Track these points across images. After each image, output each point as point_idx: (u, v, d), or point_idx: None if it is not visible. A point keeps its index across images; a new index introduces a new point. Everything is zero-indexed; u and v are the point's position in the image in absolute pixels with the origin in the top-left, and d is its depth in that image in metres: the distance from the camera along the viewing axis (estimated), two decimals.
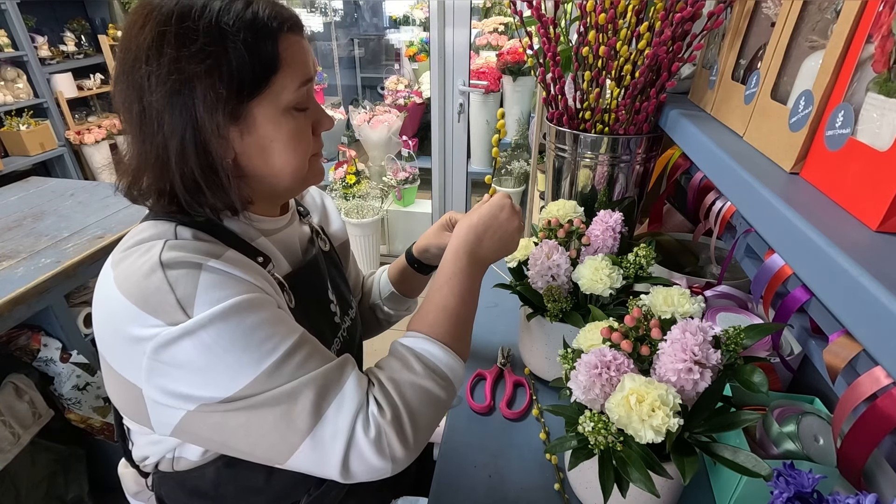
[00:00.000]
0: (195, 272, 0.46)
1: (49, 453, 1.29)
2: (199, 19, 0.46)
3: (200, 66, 0.46)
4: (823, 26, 0.48)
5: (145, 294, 0.45)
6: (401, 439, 0.49)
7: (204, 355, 0.44)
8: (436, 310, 0.57)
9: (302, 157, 0.56)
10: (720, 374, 0.54)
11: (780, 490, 0.44)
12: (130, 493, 0.70)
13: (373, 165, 2.95)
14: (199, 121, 0.47)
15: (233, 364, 0.45)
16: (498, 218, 0.62)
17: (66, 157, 3.24)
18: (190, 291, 0.45)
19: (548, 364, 0.82)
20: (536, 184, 1.60)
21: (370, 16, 4.17)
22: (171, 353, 0.44)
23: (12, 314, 1.06)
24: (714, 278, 0.83)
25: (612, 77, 0.79)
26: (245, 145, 0.52)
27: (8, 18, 2.83)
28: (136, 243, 0.50)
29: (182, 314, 0.44)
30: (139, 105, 0.48)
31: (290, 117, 0.53)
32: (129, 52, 0.48)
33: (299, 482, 0.66)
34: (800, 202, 0.43)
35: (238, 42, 0.47)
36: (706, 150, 0.61)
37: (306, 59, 0.54)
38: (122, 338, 0.46)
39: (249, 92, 0.49)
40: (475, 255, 0.60)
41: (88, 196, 1.53)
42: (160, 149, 0.49)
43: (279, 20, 0.50)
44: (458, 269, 0.59)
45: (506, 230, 0.63)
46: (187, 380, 0.45)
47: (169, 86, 0.46)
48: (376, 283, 0.89)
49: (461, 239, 0.61)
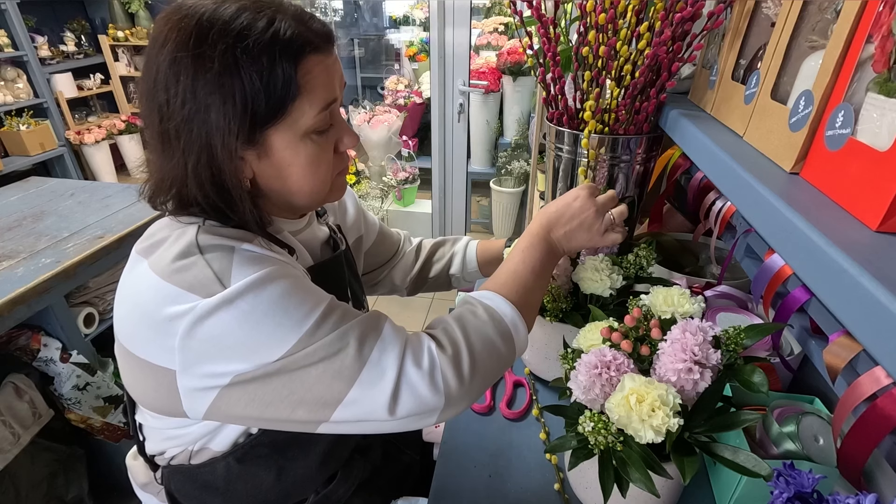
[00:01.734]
0: (229, 253, 0.47)
1: (49, 453, 1.29)
2: (217, 43, 0.45)
3: (214, 95, 0.46)
4: (823, 26, 0.48)
5: (183, 273, 0.46)
6: (457, 374, 0.48)
7: (243, 325, 0.45)
8: (507, 273, 0.59)
9: (321, 179, 0.55)
10: (720, 374, 0.54)
11: (780, 490, 0.44)
12: (139, 484, 0.70)
13: (373, 165, 2.96)
14: (213, 147, 0.48)
15: (274, 330, 0.45)
16: (571, 206, 0.64)
17: (66, 157, 3.24)
18: (226, 266, 0.46)
19: (548, 364, 0.82)
20: (536, 184, 1.60)
21: (370, 16, 4.17)
22: (210, 326, 0.44)
23: (12, 314, 1.06)
24: (714, 278, 0.83)
25: (612, 77, 0.79)
26: (262, 167, 0.52)
27: (8, 18, 2.83)
28: (164, 237, 0.51)
29: (219, 285, 0.45)
30: (160, 126, 0.49)
31: (309, 142, 0.52)
32: (150, 71, 0.48)
33: (308, 480, 0.66)
34: (800, 202, 0.43)
35: (253, 72, 0.46)
36: (706, 150, 0.61)
37: (331, 80, 0.52)
38: (154, 321, 0.46)
39: (264, 119, 0.49)
40: (548, 238, 0.63)
41: (88, 196, 1.53)
42: (179, 169, 0.49)
43: (301, 42, 0.48)
44: (532, 244, 0.62)
45: (581, 218, 0.63)
46: (225, 354, 0.45)
47: (185, 111, 0.47)
48: (458, 255, 0.92)
49: (536, 223, 0.64)
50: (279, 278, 0.47)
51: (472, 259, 0.91)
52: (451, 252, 0.94)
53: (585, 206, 0.63)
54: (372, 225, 0.89)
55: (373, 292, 0.94)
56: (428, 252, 0.95)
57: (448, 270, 0.93)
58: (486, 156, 2.89)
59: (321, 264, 0.65)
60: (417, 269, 0.93)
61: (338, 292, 0.66)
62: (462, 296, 0.57)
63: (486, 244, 0.92)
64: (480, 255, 0.91)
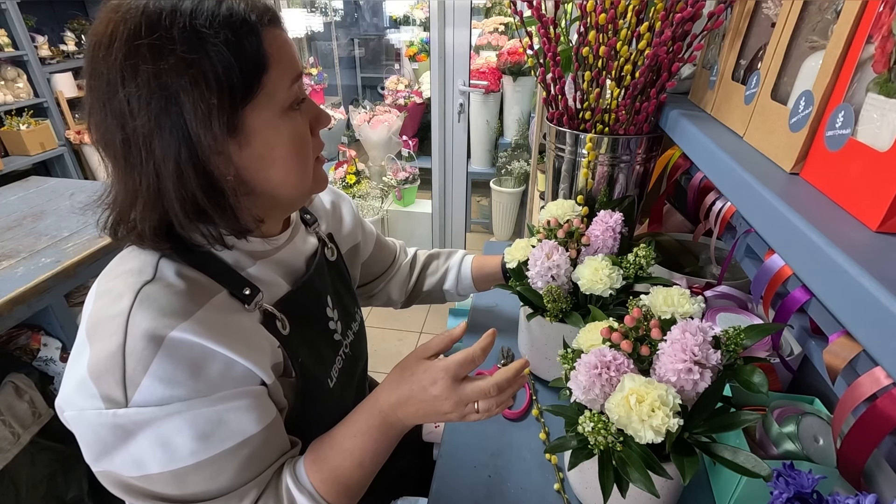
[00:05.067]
0: (152, 350, 0.44)
1: (49, 453, 1.29)
2: (172, 26, 0.42)
3: (184, 77, 0.42)
4: (824, 27, 0.48)
5: (99, 357, 0.44)
6: None
7: (117, 436, 0.45)
8: (331, 469, 0.55)
9: (305, 160, 0.53)
10: (720, 375, 0.54)
11: (779, 490, 0.44)
12: None
13: (373, 165, 2.95)
14: (195, 138, 0.44)
15: (136, 455, 0.46)
16: (427, 391, 0.55)
17: (66, 157, 3.24)
18: (139, 372, 0.44)
19: (548, 364, 0.82)
20: (536, 184, 1.60)
21: (370, 16, 4.18)
22: (88, 427, 0.45)
23: (12, 314, 1.06)
24: (714, 278, 0.83)
25: (612, 77, 0.79)
26: (245, 158, 0.49)
27: (8, 18, 2.83)
28: (115, 276, 0.49)
29: (121, 392, 0.44)
30: (122, 133, 0.44)
31: (289, 118, 0.50)
32: (100, 77, 0.43)
33: None
34: (800, 202, 0.43)
35: (219, 44, 0.43)
36: (706, 150, 0.61)
37: (292, 52, 0.50)
38: (71, 375, 0.47)
39: (243, 97, 0.46)
40: (391, 418, 0.56)
41: (88, 196, 1.53)
42: (152, 177, 0.45)
43: (257, 13, 0.46)
44: (371, 426, 0.56)
45: (435, 406, 0.55)
46: (93, 450, 0.46)
47: (153, 105, 0.42)
48: (453, 270, 0.90)
49: (384, 400, 0.57)
50: (176, 417, 0.45)
51: (467, 275, 0.90)
52: (446, 267, 0.92)
53: (442, 395, 0.54)
54: (370, 234, 0.87)
55: (367, 304, 0.93)
56: (422, 265, 0.93)
57: (442, 286, 0.92)
58: (486, 156, 2.89)
59: (296, 291, 0.61)
60: (413, 282, 0.92)
61: (316, 316, 0.65)
62: (284, 483, 0.54)
63: (482, 260, 0.91)
64: (475, 271, 0.90)
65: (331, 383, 0.65)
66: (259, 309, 0.55)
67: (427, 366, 0.56)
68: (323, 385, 0.63)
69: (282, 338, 0.56)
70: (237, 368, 0.49)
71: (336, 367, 0.67)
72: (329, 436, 0.58)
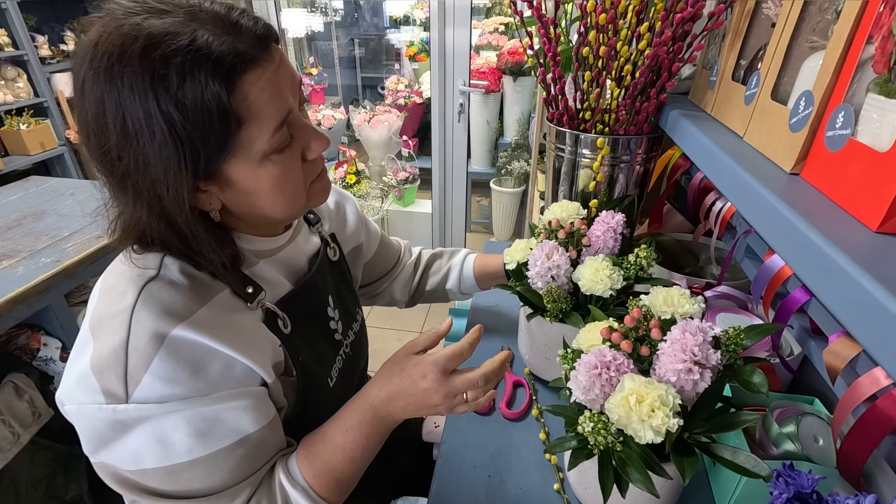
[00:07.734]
0: (154, 348, 0.44)
1: (49, 452, 1.29)
2: (134, 87, 0.40)
3: (151, 147, 0.42)
4: (824, 27, 0.48)
5: (102, 352, 0.45)
6: None
7: (115, 431, 0.45)
8: (323, 463, 0.55)
9: (291, 197, 0.52)
10: (720, 375, 0.54)
11: (779, 490, 0.44)
12: None
13: (373, 165, 2.95)
14: (170, 191, 0.44)
15: (133, 450, 0.46)
16: (417, 385, 0.55)
17: (67, 157, 3.23)
18: (140, 369, 0.44)
19: (548, 364, 0.82)
20: (536, 184, 1.60)
21: (370, 16, 4.18)
22: (88, 421, 0.46)
23: (12, 314, 1.06)
24: (714, 279, 0.83)
25: (612, 77, 0.79)
26: (228, 196, 0.50)
27: (8, 18, 2.83)
28: (119, 273, 0.49)
29: (122, 388, 0.44)
30: (111, 177, 0.46)
31: (269, 164, 0.48)
32: (83, 122, 0.44)
33: None
34: (800, 203, 0.43)
35: (179, 110, 0.40)
36: (706, 150, 0.61)
37: (278, 93, 0.45)
38: (72, 369, 0.47)
39: (210, 159, 0.44)
40: (382, 413, 0.57)
41: (88, 195, 1.53)
42: (140, 217, 0.47)
43: (233, 56, 0.41)
44: (361, 422, 0.56)
45: (424, 399, 0.55)
46: (92, 442, 0.47)
47: (127, 165, 0.43)
48: (455, 270, 0.91)
49: (374, 395, 0.57)
50: (175, 415, 0.46)
51: (469, 275, 0.90)
52: (448, 266, 0.92)
53: (433, 388, 0.55)
54: (374, 234, 0.87)
55: (371, 303, 0.93)
56: (425, 264, 0.94)
57: (444, 285, 0.92)
58: (486, 156, 2.89)
59: (298, 290, 0.61)
60: (416, 282, 0.92)
61: (318, 315, 0.65)
62: (277, 480, 0.54)
63: (485, 259, 0.91)
64: (478, 270, 0.90)
65: (331, 383, 0.65)
66: (261, 307, 0.55)
67: (416, 360, 0.57)
68: (323, 384, 0.63)
69: (283, 337, 0.56)
70: (238, 367, 0.50)
71: (336, 366, 0.67)
72: (320, 431, 0.58)
